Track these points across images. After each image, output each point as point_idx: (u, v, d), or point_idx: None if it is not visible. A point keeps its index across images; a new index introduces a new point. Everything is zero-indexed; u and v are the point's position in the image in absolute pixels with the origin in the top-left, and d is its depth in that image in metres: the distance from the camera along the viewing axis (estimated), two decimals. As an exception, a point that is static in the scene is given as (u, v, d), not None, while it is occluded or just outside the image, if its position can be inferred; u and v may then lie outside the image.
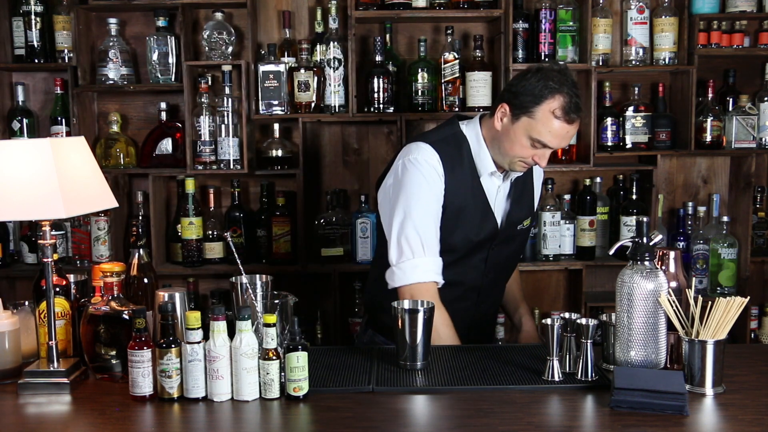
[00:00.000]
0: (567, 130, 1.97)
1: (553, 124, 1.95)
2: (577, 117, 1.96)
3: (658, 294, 1.70)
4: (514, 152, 2.03)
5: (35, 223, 2.19)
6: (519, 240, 2.27)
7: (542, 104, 1.95)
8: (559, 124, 1.95)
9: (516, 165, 2.07)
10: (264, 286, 1.83)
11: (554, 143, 1.99)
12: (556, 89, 1.94)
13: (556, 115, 1.95)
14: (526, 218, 2.24)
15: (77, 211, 1.72)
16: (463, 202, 2.09)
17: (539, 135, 1.97)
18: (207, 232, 3.19)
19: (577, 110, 1.96)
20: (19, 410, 1.66)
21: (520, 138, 2.00)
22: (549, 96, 1.94)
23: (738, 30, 3.18)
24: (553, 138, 1.97)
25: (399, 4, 3.07)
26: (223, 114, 3.07)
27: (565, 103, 1.94)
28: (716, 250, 3.18)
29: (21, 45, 3.17)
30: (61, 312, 1.86)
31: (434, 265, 2.04)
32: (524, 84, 1.98)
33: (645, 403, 1.56)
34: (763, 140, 3.20)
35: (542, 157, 2.02)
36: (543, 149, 2.01)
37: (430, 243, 2.04)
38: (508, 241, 2.21)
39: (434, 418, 1.62)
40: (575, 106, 1.95)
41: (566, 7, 3.13)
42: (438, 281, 2.05)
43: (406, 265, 2.02)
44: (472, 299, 2.20)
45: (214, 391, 1.65)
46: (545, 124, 1.96)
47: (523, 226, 2.23)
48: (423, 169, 2.04)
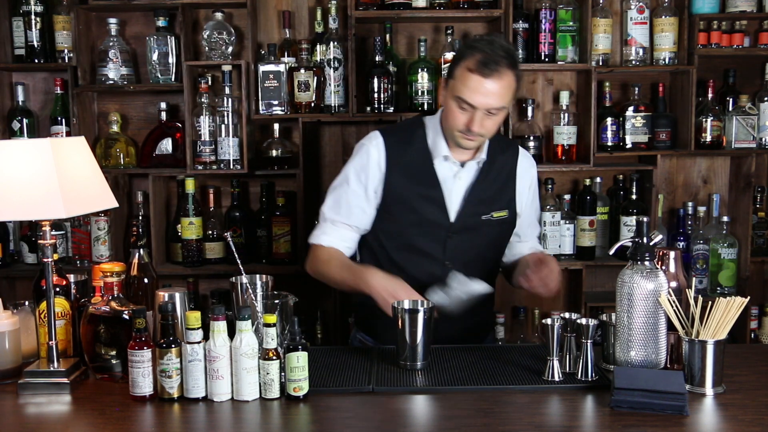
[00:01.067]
0: (482, 83, 1.98)
1: (468, 78, 2.00)
2: (493, 71, 1.98)
3: (658, 294, 1.70)
4: (449, 122, 2.08)
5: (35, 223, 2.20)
6: (488, 232, 2.19)
7: (460, 64, 2.03)
8: (474, 77, 1.99)
9: (458, 138, 2.08)
10: (264, 286, 1.83)
11: (474, 99, 2.00)
12: (473, 48, 2.03)
13: (470, 69, 1.99)
14: (498, 210, 2.19)
15: (77, 211, 1.72)
16: (410, 185, 2.13)
17: (460, 92, 2.02)
18: (207, 232, 3.19)
19: (494, 64, 1.98)
20: (19, 410, 1.66)
21: (450, 105, 2.06)
22: (467, 55, 2.02)
23: (738, 30, 3.18)
24: (471, 93, 2.00)
25: (399, 4, 3.07)
26: (223, 114, 3.07)
27: (480, 58, 1.99)
28: (716, 250, 3.18)
29: (21, 45, 3.16)
30: (61, 312, 1.86)
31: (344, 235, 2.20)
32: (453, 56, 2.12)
33: (645, 403, 1.56)
34: (763, 140, 3.20)
35: (473, 120, 2.03)
36: (471, 111, 2.02)
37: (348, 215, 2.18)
38: (471, 230, 2.16)
39: (434, 418, 1.62)
40: (491, 61, 1.98)
41: (566, 7, 3.13)
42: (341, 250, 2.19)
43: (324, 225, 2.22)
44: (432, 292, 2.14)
45: (214, 391, 1.65)
46: (462, 81, 2.01)
47: (490, 218, 2.17)
48: (363, 151, 2.18)
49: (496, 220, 2.20)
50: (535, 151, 3.17)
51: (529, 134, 3.19)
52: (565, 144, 3.20)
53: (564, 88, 3.30)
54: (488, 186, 2.19)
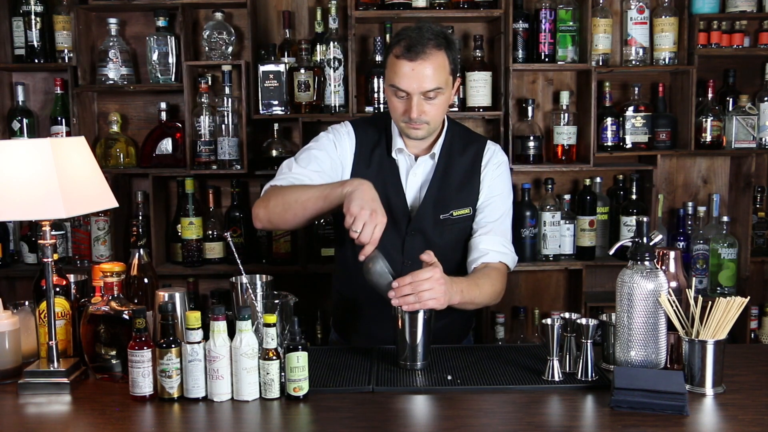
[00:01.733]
0: (411, 67, 1.99)
1: (397, 65, 2.01)
2: (418, 54, 1.98)
3: (658, 294, 1.70)
4: (392, 114, 2.09)
5: (35, 223, 2.20)
6: (448, 231, 2.13)
7: (390, 53, 2.05)
8: (401, 62, 2.00)
9: (404, 128, 2.08)
10: (264, 286, 1.83)
11: (404, 84, 2.00)
12: (399, 35, 2.05)
13: (397, 56, 2.01)
14: (459, 208, 2.13)
15: (77, 211, 1.72)
16: (376, 175, 2.11)
17: (391, 80, 2.03)
18: (207, 232, 3.19)
19: (418, 46, 1.98)
20: (19, 410, 1.66)
21: (388, 95, 2.07)
22: (394, 43, 2.04)
23: (738, 30, 3.19)
24: (400, 78, 2.00)
25: (399, 4, 3.07)
26: (223, 114, 3.07)
27: (404, 44, 2.00)
28: (716, 250, 3.18)
29: (21, 45, 3.17)
30: (61, 312, 1.86)
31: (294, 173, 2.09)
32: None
33: (645, 403, 1.56)
34: (763, 140, 3.20)
35: (409, 107, 2.02)
36: (406, 98, 2.02)
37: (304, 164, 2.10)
38: (428, 229, 2.10)
39: (434, 418, 1.62)
40: (416, 43, 1.99)
41: (566, 7, 3.13)
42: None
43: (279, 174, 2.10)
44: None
45: (214, 391, 1.65)
46: (392, 68, 2.03)
47: (450, 216, 2.11)
48: (331, 131, 2.19)
49: (457, 218, 2.13)
50: (535, 151, 3.17)
51: (529, 134, 3.19)
52: (565, 144, 3.20)
53: (564, 88, 3.30)
54: (447, 184, 2.13)
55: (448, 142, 2.15)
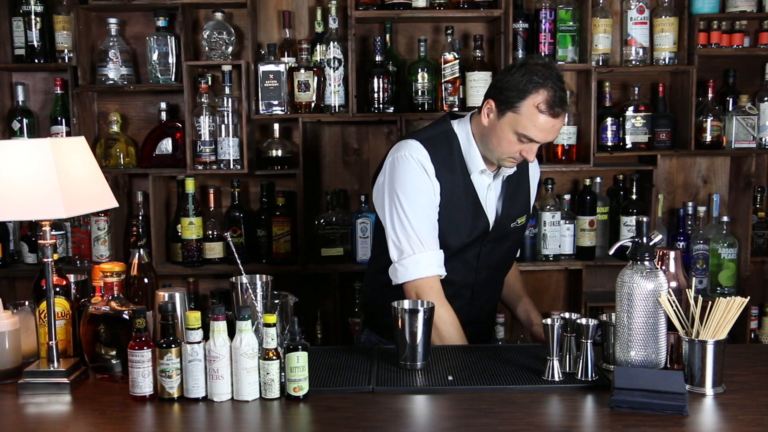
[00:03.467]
0: (552, 123, 1.98)
1: (538, 118, 1.96)
2: (562, 111, 1.98)
3: (658, 294, 1.70)
4: (502, 148, 2.04)
5: (35, 223, 2.20)
6: (513, 238, 2.26)
7: (527, 99, 1.96)
8: (544, 118, 1.96)
9: (505, 161, 2.08)
10: (264, 286, 1.83)
11: (540, 137, 1.99)
12: (540, 84, 1.96)
13: (540, 110, 1.96)
14: (520, 216, 2.24)
15: (77, 211, 1.72)
16: (454, 200, 2.10)
17: (525, 130, 1.98)
18: (207, 232, 3.19)
19: (562, 104, 1.97)
20: (19, 410, 1.66)
21: (506, 133, 2.01)
22: (533, 90, 1.96)
23: (738, 30, 3.18)
24: (538, 132, 1.98)
25: (399, 4, 3.07)
26: (223, 114, 3.07)
27: (549, 97, 1.95)
28: (716, 250, 3.18)
29: (21, 45, 3.17)
30: (61, 312, 1.86)
31: (435, 258, 2.06)
32: (509, 79, 2.00)
33: (645, 403, 1.56)
34: (763, 140, 3.20)
35: (529, 151, 2.03)
36: (530, 144, 2.01)
37: (428, 237, 2.06)
38: (501, 239, 2.21)
39: (434, 418, 1.62)
40: (560, 100, 1.97)
41: (566, 7, 3.13)
42: (440, 274, 2.07)
43: (407, 261, 2.05)
44: (466, 297, 2.20)
45: (214, 391, 1.65)
46: (530, 119, 1.97)
47: (516, 224, 2.23)
48: (413, 164, 2.06)
49: (521, 226, 2.25)
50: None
51: (529, 134, 3.18)
52: (565, 144, 3.20)
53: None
54: (513, 194, 2.21)
55: None
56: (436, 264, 2.06)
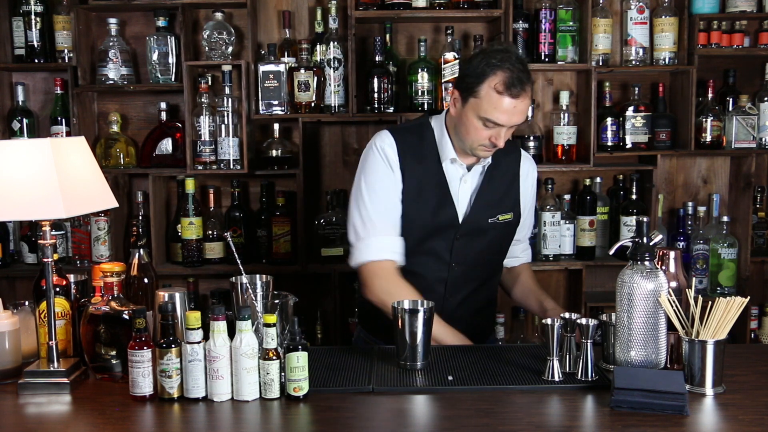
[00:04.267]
0: (513, 104, 1.97)
1: (498, 100, 1.97)
2: (521, 90, 1.97)
3: (658, 294, 1.70)
4: (470, 136, 2.05)
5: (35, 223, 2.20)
6: (492, 235, 2.21)
7: (484, 82, 1.98)
8: (504, 99, 1.97)
9: (477, 150, 2.07)
10: (264, 286, 1.83)
11: (503, 119, 1.99)
12: (496, 66, 1.97)
13: (498, 90, 1.96)
14: (503, 213, 2.20)
15: (77, 211, 1.72)
16: (421, 185, 2.12)
17: (486, 113, 1.99)
18: (207, 232, 3.19)
19: (521, 83, 1.96)
20: (19, 410, 1.66)
21: (471, 120, 2.02)
22: (490, 73, 1.97)
23: (738, 30, 3.19)
24: (500, 114, 1.98)
25: (399, 4, 3.07)
26: (223, 114, 3.07)
27: (506, 78, 1.95)
28: (716, 250, 3.18)
29: (21, 45, 3.17)
30: (61, 312, 1.86)
31: (388, 243, 2.10)
32: (468, 66, 2.03)
33: (645, 403, 1.56)
34: (763, 140, 3.20)
35: (497, 136, 2.02)
36: (496, 128, 2.01)
37: (383, 222, 2.10)
38: (476, 233, 2.17)
39: (434, 418, 1.62)
40: (518, 80, 1.96)
41: (566, 7, 3.13)
42: (394, 259, 2.10)
43: (361, 244, 2.11)
44: (439, 292, 2.16)
45: (214, 391, 1.65)
46: (489, 102, 1.98)
47: (496, 220, 2.18)
48: (376, 153, 2.12)
49: (502, 223, 2.21)
50: (535, 151, 3.17)
51: (529, 134, 3.19)
52: (565, 144, 3.20)
53: (564, 88, 3.30)
54: (494, 189, 2.19)
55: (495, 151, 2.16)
56: (389, 249, 2.09)
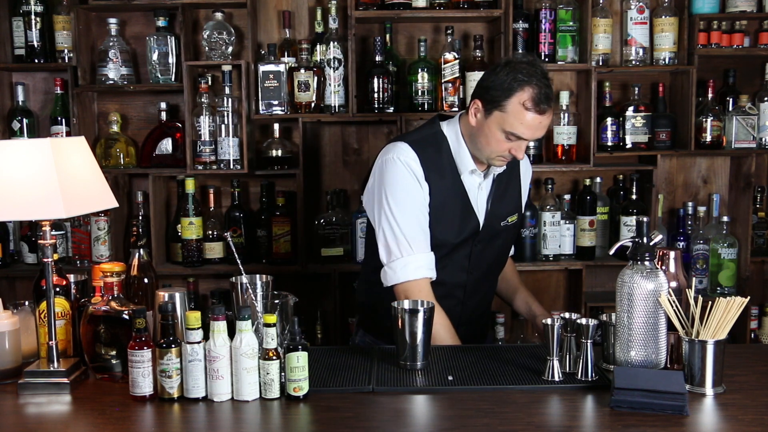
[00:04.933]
0: (539, 120, 1.98)
1: (525, 116, 1.97)
2: (548, 107, 1.98)
3: (658, 294, 1.70)
4: (491, 147, 2.04)
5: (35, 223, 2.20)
6: (504, 236, 2.25)
7: (512, 97, 1.97)
8: (531, 115, 1.97)
9: (495, 160, 2.08)
10: (264, 286, 1.83)
11: (527, 135, 2.00)
12: (525, 81, 1.96)
13: (526, 107, 1.96)
14: (511, 215, 2.23)
15: (77, 211, 1.72)
16: (444, 201, 2.10)
17: (512, 128, 1.99)
18: (207, 232, 3.19)
19: (548, 100, 1.97)
20: (19, 410, 1.66)
21: (494, 132, 2.01)
22: (518, 88, 1.96)
23: (738, 30, 3.18)
24: (526, 130, 1.98)
25: (399, 4, 3.07)
26: (223, 114, 3.07)
27: (534, 95, 1.95)
28: (716, 250, 3.18)
29: (21, 45, 3.17)
30: (61, 312, 1.86)
31: (424, 261, 2.07)
32: (494, 78, 2.01)
33: (645, 403, 1.56)
34: (763, 140, 3.20)
35: (518, 149, 2.03)
36: (518, 141, 2.01)
37: (418, 239, 2.06)
38: (492, 238, 2.20)
39: (434, 418, 1.62)
40: (545, 97, 1.96)
41: (566, 7, 3.13)
42: (430, 276, 2.08)
43: (396, 264, 2.06)
44: (458, 297, 2.19)
45: (214, 391, 1.65)
46: (517, 117, 1.97)
47: (507, 223, 2.22)
48: (401, 167, 2.07)
49: (511, 225, 2.24)
50: (535, 151, 3.17)
51: (529, 134, 3.18)
52: (565, 144, 3.20)
53: (564, 88, 3.30)
54: (503, 193, 2.21)
55: None
56: (425, 266, 2.06)
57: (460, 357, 1.91)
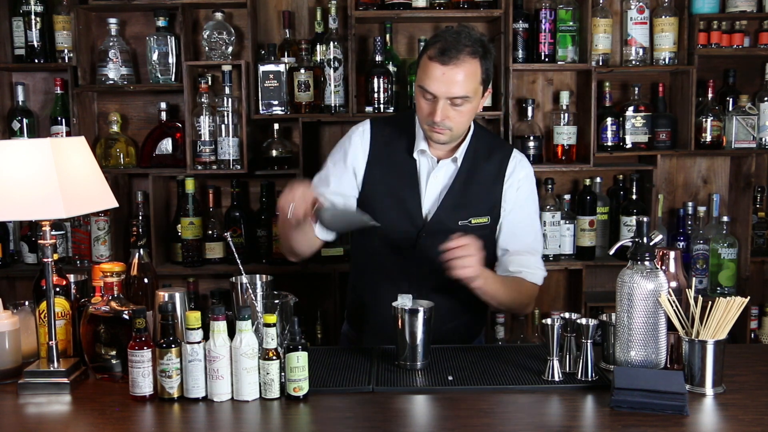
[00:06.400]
0: (442, 71, 1.96)
1: (429, 66, 1.98)
2: (451, 58, 1.95)
3: (658, 294, 1.70)
4: (418, 114, 2.06)
5: (35, 223, 2.20)
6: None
7: (424, 54, 2.01)
8: (433, 65, 1.97)
9: (427, 131, 2.06)
10: (264, 286, 1.83)
11: (434, 87, 1.97)
12: (436, 36, 2.02)
13: (430, 57, 1.98)
14: (479, 217, 2.11)
15: (77, 211, 1.72)
16: (390, 177, 2.12)
17: (421, 81, 2.00)
18: (207, 232, 3.19)
19: (453, 51, 1.96)
20: (19, 410, 1.66)
21: (417, 95, 2.05)
22: (430, 45, 2.01)
23: (738, 30, 3.19)
24: (430, 81, 1.97)
25: (399, 4, 3.07)
26: (223, 114, 3.07)
27: (440, 46, 1.97)
28: (716, 250, 3.18)
29: (21, 45, 3.17)
30: (61, 312, 1.86)
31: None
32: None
33: (645, 403, 1.56)
34: (763, 140, 3.20)
35: (434, 110, 1.99)
36: (433, 100, 2.00)
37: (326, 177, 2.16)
38: (444, 234, 2.01)
39: (434, 418, 1.62)
40: (451, 48, 1.96)
41: (566, 7, 3.13)
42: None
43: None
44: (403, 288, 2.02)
45: (214, 391, 1.65)
46: (424, 69, 2.00)
47: (468, 224, 2.09)
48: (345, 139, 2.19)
49: (475, 226, 2.10)
50: (535, 151, 3.17)
51: (529, 134, 3.19)
52: (565, 144, 3.20)
53: (564, 88, 3.30)
54: (468, 190, 2.11)
55: (473, 148, 2.13)
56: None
57: (460, 357, 1.91)
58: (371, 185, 2.12)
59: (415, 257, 2.10)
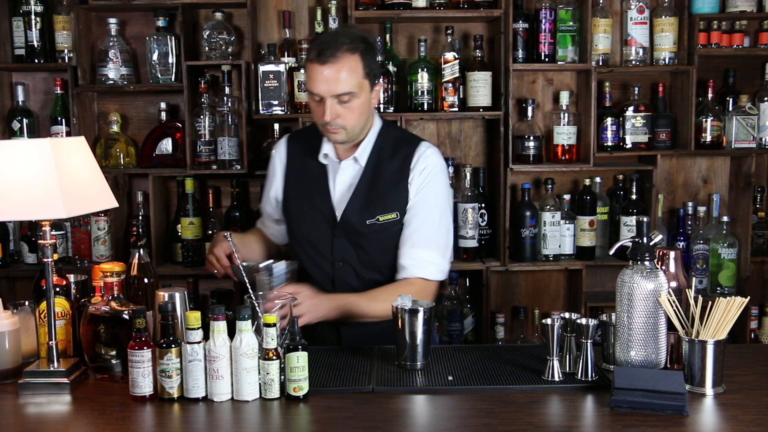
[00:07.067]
0: (321, 71, 2.01)
1: (310, 68, 2.04)
2: (328, 57, 1.99)
3: (658, 294, 1.70)
4: (314, 118, 2.12)
5: (35, 223, 2.20)
6: (376, 237, 2.12)
7: (307, 59, 2.08)
8: (312, 66, 2.03)
9: (324, 132, 2.12)
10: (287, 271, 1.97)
11: (317, 88, 2.02)
12: (314, 40, 2.12)
13: (310, 60, 2.04)
14: (386, 213, 2.12)
15: (77, 211, 1.72)
16: (304, 184, 2.21)
17: (308, 85, 2.06)
18: (207, 232, 3.19)
19: (329, 50, 1.99)
20: (19, 410, 1.66)
21: (308, 100, 2.11)
22: (310, 49, 2.08)
23: (738, 30, 3.19)
24: (314, 83, 2.03)
25: (399, 4, 3.07)
26: (223, 114, 3.07)
27: (317, 49, 2.03)
28: (716, 250, 3.18)
29: (21, 45, 3.17)
30: (61, 312, 1.86)
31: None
32: None
33: (645, 403, 1.56)
34: (763, 140, 3.20)
35: (323, 112, 2.04)
36: (321, 102, 2.04)
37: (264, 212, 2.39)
38: (356, 233, 2.10)
39: (434, 418, 1.62)
40: (327, 47, 2.00)
41: (566, 7, 3.13)
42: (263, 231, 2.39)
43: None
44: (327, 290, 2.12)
45: (214, 391, 1.65)
46: (308, 74, 2.06)
47: (376, 221, 2.11)
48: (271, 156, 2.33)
49: (383, 223, 2.12)
50: (535, 151, 3.17)
51: (529, 134, 3.18)
52: (565, 144, 3.20)
53: (564, 88, 3.30)
54: (374, 187, 2.13)
55: (377, 147, 2.16)
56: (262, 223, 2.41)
57: (460, 357, 1.91)
58: (290, 194, 2.24)
59: (332, 257, 2.17)
